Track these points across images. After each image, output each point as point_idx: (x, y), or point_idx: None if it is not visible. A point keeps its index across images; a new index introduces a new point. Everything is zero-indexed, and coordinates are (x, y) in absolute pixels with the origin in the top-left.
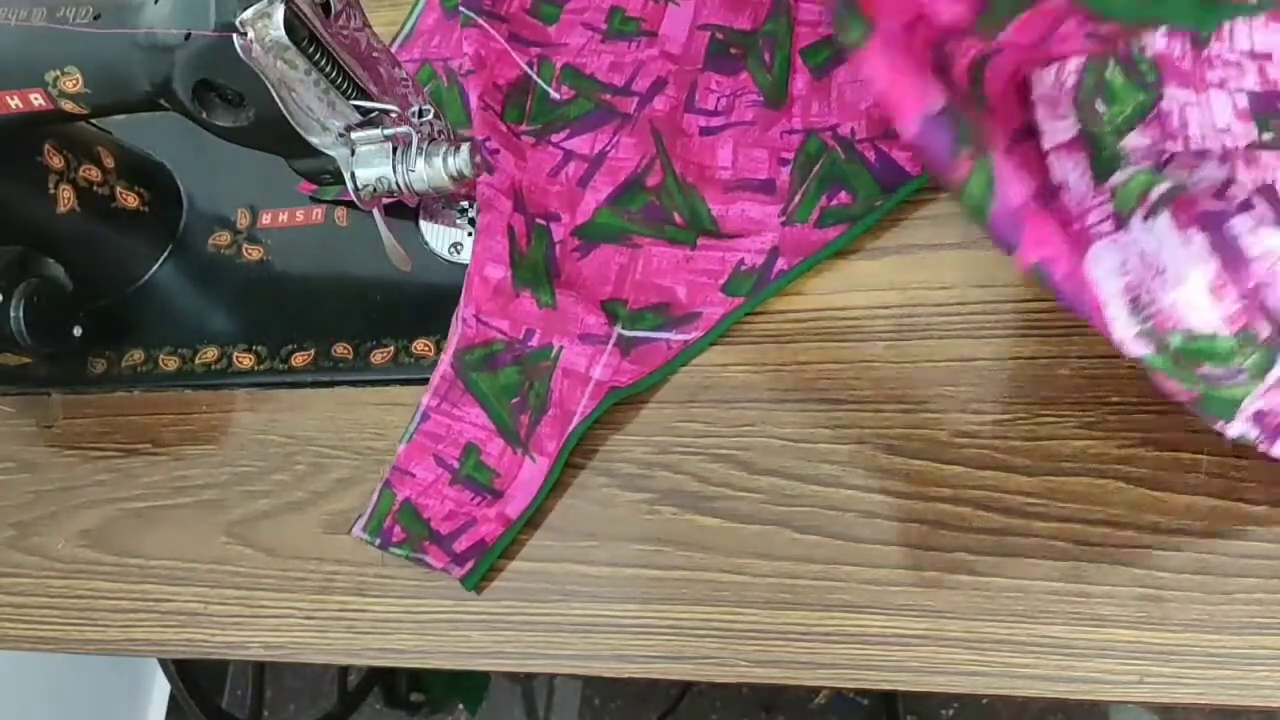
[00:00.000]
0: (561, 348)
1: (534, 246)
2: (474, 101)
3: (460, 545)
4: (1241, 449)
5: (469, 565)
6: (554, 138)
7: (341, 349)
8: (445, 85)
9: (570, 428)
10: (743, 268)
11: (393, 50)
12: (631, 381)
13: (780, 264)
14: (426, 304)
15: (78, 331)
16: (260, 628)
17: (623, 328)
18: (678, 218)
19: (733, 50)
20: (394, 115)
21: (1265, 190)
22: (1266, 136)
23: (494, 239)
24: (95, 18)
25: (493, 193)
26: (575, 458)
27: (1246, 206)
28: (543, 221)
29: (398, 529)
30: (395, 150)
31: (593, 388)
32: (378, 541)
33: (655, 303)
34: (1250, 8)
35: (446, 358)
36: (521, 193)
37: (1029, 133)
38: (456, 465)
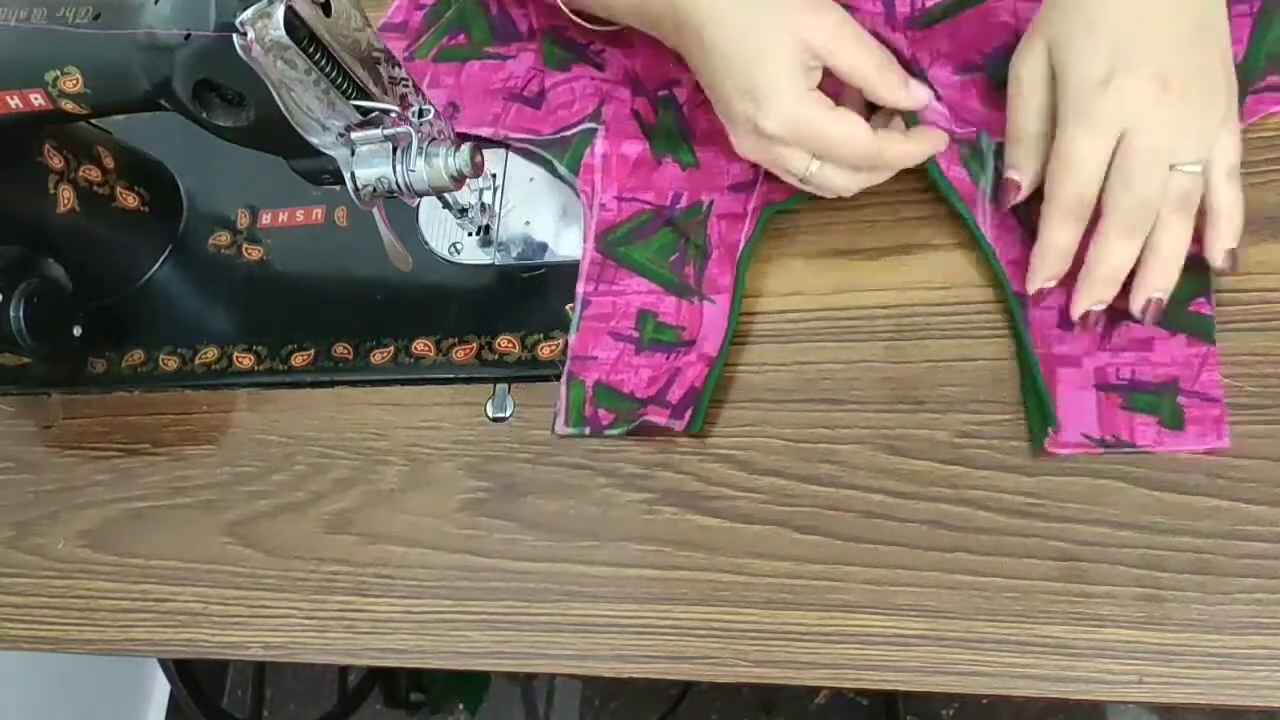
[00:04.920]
0: (712, 201)
1: (662, 117)
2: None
3: (674, 396)
4: (1241, 449)
5: (688, 414)
6: None
7: (341, 349)
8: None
9: (737, 255)
10: None
11: None
12: (787, 196)
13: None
14: (426, 304)
15: (78, 331)
16: (260, 628)
17: None
18: None
19: None
20: (394, 115)
21: None
22: None
23: (623, 124)
24: (95, 18)
25: (610, 86)
26: (576, 458)
27: None
28: (664, 92)
29: (602, 412)
30: (395, 150)
31: (752, 213)
32: (587, 431)
33: None
34: None
35: (589, 245)
36: (638, 76)
37: None
38: (636, 334)
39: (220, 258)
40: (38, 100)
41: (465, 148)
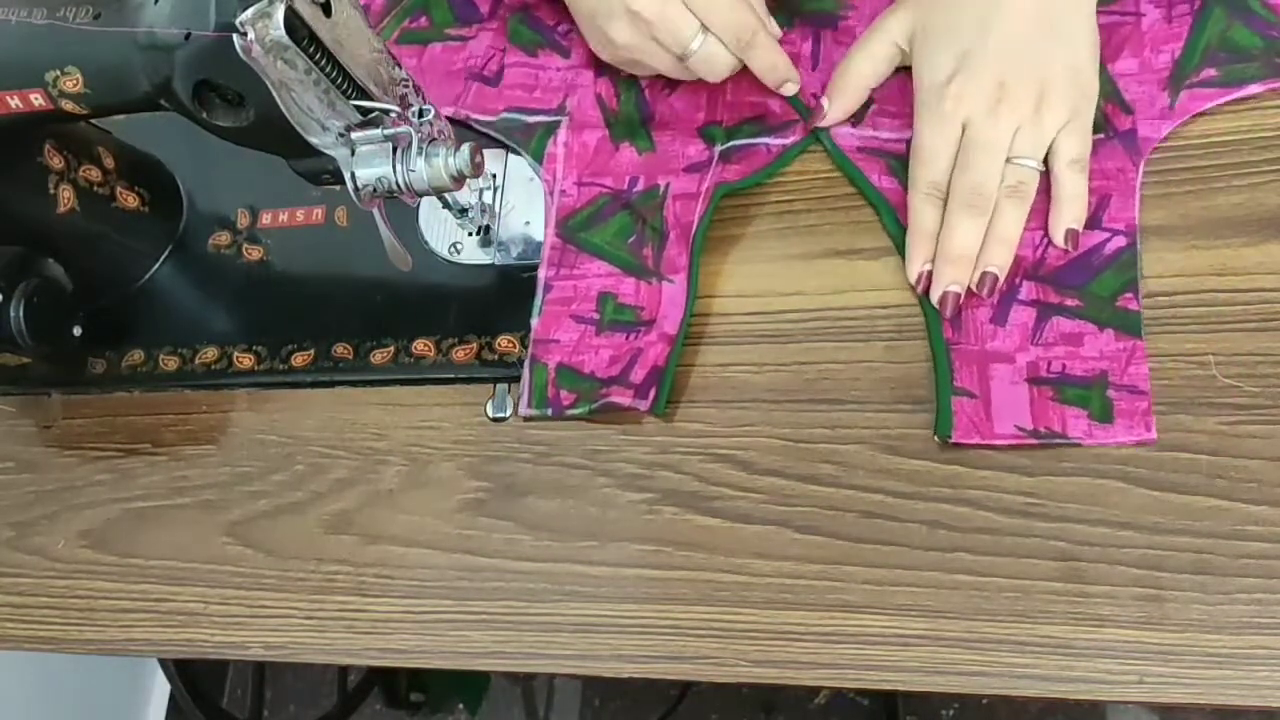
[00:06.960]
0: (668, 184)
1: (624, 101)
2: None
3: (636, 377)
4: (1241, 449)
5: (652, 394)
6: None
7: (341, 349)
8: None
9: (691, 234)
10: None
11: None
12: (739, 178)
13: None
14: (426, 304)
15: (78, 331)
16: (260, 628)
17: (722, 145)
18: None
19: None
20: (394, 115)
21: None
22: None
23: (586, 113)
24: (95, 18)
25: (573, 72)
26: (575, 458)
27: None
28: (628, 74)
29: (564, 393)
30: (395, 150)
31: (705, 193)
32: (550, 412)
33: (750, 116)
34: None
35: (550, 230)
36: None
37: None
38: (596, 316)
39: (220, 258)
40: (38, 100)
41: (465, 147)
